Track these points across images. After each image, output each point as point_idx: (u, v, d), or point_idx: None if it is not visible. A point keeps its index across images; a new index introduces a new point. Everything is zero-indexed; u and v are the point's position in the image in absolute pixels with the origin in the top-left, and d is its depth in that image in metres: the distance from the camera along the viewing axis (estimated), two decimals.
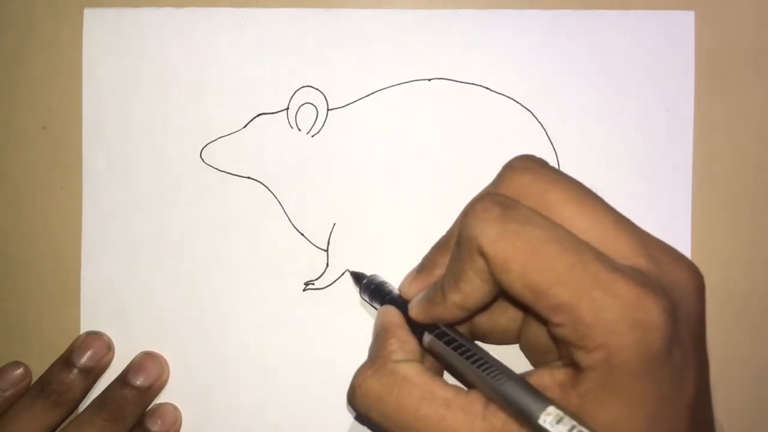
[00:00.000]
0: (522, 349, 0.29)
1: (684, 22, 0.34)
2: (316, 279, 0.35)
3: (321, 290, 0.35)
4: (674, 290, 0.22)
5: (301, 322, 0.35)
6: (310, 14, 0.35)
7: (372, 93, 0.35)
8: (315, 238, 0.35)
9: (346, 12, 0.35)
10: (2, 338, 0.37)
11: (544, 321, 0.23)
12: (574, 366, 0.22)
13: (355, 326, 0.35)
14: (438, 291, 0.26)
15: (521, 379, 0.23)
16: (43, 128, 0.36)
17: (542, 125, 0.35)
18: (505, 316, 0.29)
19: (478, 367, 0.25)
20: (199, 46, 0.36)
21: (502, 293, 0.25)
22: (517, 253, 0.22)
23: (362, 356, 0.35)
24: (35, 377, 0.35)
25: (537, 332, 0.27)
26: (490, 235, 0.23)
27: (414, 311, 0.28)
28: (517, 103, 0.35)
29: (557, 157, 0.35)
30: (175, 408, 0.35)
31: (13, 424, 0.33)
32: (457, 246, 0.25)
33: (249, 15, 0.36)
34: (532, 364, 0.28)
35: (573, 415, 0.22)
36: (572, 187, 0.25)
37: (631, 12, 0.35)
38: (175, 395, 0.36)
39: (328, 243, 0.35)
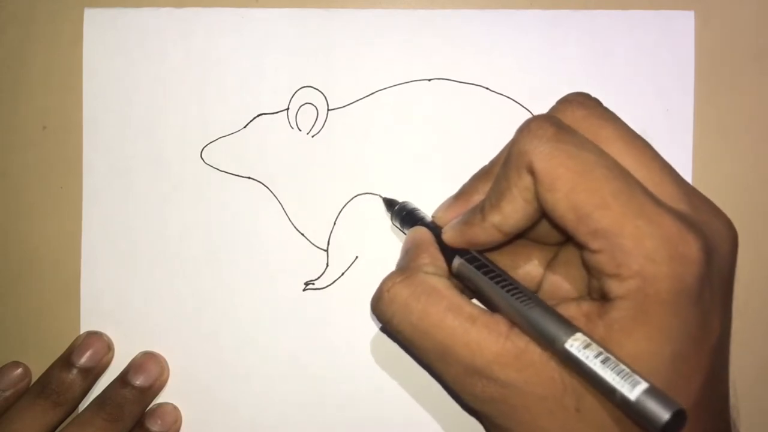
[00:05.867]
0: (542, 297, 0.28)
1: (684, 21, 0.34)
2: (316, 279, 0.35)
3: (321, 290, 0.35)
4: (712, 237, 0.23)
5: (301, 322, 0.35)
6: (310, 14, 0.35)
7: (372, 93, 0.35)
8: (315, 238, 0.35)
9: (346, 12, 0.35)
10: (2, 338, 0.37)
11: (580, 247, 0.23)
12: (603, 298, 0.23)
13: (355, 326, 0.35)
14: (477, 212, 0.26)
15: (549, 307, 0.24)
16: (43, 128, 0.36)
17: None
18: (530, 262, 0.29)
19: (508, 291, 0.25)
20: (200, 46, 0.36)
21: (540, 220, 0.25)
22: (567, 172, 0.23)
23: (362, 356, 0.35)
24: (35, 377, 0.35)
25: (560, 278, 0.27)
26: (543, 151, 0.23)
27: (448, 234, 0.28)
28: (517, 103, 0.35)
29: None
30: (175, 408, 0.35)
31: (13, 424, 0.33)
32: (504, 165, 0.25)
33: (249, 15, 0.36)
34: None
35: (599, 343, 0.22)
36: (624, 127, 0.25)
37: (631, 12, 0.35)
38: (175, 395, 0.36)
39: (328, 243, 0.35)
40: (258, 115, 0.36)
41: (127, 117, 0.36)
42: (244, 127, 0.36)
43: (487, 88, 0.35)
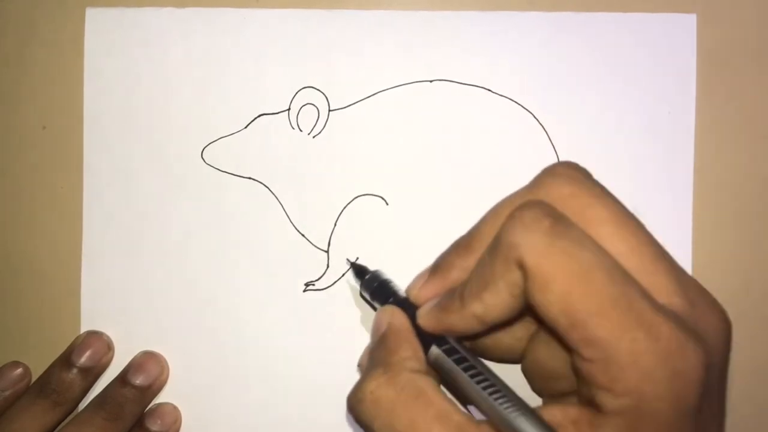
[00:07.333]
0: (524, 371, 0.27)
1: (686, 24, 0.34)
2: (317, 280, 0.35)
3: (321, 291, 0.35)
4: (708, 336, 0.21)
5: (301, 322, 0.35)
6: (311, 15, 0.35)
7: (373, 94, 0.35)
8: (316, 238, 0.35)
9: (347, 13, 0.35)
10: (2, 338, 0.37)
11: (570, 350, 0.21)
12: (592, 406, 0.21)
13: (356, 327, 0.35)
14: (456, 298, 0.24)
15: (536, 415, 0.22)
16: (43, 128, 0.36)
17: (543, 127, 0.35)
18: (511, 335, 0.26)
19: (491, 394, 0.23)
20: (201, 46, 0.36)
21: (526, 313, 0.23)
22: (563, 274, 0.20)
23: None
24: (35, 377, 0.35)
25: (543, 357, 0.25)
26: (537, 247, 0.21)
27: (424, 319, 0.25)
28: (519, 105, 0.35)
29: (558, 160, 0.35)
30: (175, 408, 0.35)
31: (13, 423, 0.33)
32: (490, 252, 0.22)
33: (250, 15, 0.36)
34: (533, 388, 0.27)
35: None
36: (615, 206, 0.23)
37: (633, 14, 0.35)
38: (175, 395, 0.36)
39: (329, 244, 0.35)
40: (259, 116, 0.36)
41: (128, 117, 0.36)
42: (245, 127, 0.36)
43: (489, 90, 0.35)
